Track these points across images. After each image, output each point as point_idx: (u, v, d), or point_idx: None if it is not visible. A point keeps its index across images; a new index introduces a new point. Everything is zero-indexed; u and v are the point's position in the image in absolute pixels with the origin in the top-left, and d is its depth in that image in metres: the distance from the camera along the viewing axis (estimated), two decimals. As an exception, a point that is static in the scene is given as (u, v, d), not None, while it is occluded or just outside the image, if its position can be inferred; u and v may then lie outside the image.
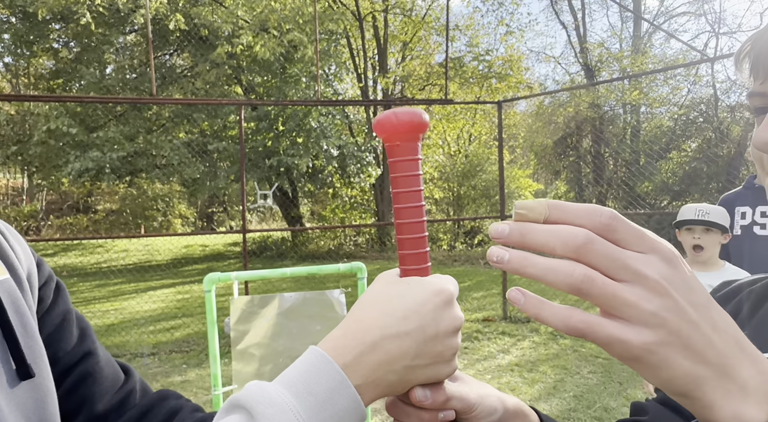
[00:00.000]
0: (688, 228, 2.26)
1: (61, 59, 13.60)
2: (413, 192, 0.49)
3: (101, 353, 0.59)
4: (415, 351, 0.42)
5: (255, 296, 2.22)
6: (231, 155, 12.33)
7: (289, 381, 0.40)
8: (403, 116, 0.47)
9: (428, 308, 0.43)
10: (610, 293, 0.32)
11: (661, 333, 0.32)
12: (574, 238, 0.33)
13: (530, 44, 26.97)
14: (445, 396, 0.45)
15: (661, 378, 0.33)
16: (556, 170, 16.25)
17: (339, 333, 0.43)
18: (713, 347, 0.33)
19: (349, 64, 14.28)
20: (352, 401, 0.40)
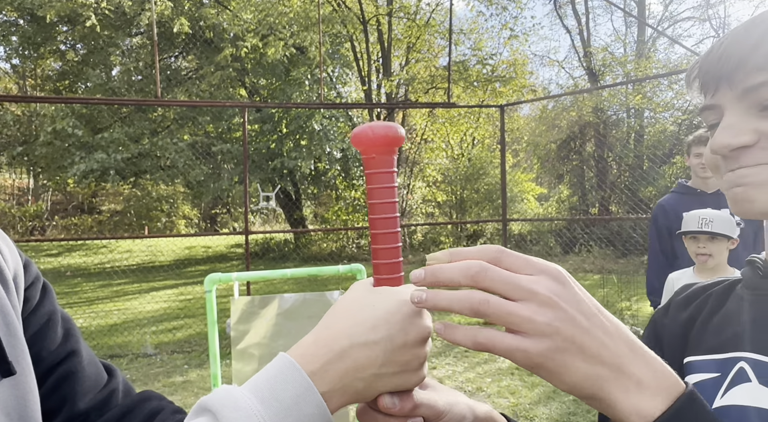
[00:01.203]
0: (692, 237, 2.25)
1: (67, 61, 13.72)
2: (388, 204, 0.50)
3: (85, 353, 0.60)
4: (382, 359, 0.43)
5: (255, 297, 2.24)
6: (235, 156, 12.39)
7: (256, 386, 0.41)
8: (378, 129, 0.48)
9: (397, 318, 0.44)
10: (506, 311, 0.37)
11: (556, 340, 0.37)
12: (470, 268, 0.39)
13: (534, 48, 26.98)
14: (413, 404, 0.46)
15: (566, 382, 0.38)
16: (560, 173, 16.23)
17: (310, 339, 0.44)
18: (607, 349, 0.38)
19: (353, 67, 14.34)
20: (317, 407, 0.41)
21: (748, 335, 0.54)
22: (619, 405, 0.38)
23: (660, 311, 0.67)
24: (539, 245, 12.89)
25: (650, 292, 2.92)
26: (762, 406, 0.50)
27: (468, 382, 4.33)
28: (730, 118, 0.50)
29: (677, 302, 0.66)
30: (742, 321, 0.55)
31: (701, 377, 0.57)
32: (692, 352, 0.59)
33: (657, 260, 2.88)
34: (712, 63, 0.51)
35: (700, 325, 0.60)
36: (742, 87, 0.49)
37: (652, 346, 0.65)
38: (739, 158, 0.50)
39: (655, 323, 0.67)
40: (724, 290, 0.61)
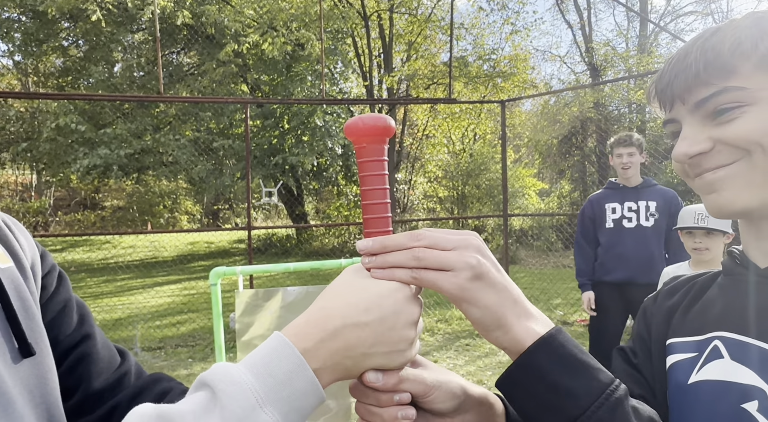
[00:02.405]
0: (689, 232, 2.28)
1: (70, 57, 13.74)
2: (379, 190, 0.53)
3: (99, 336, 0.64)
4: (372, 340, 0.46)
5: (259, 290, 2.29)
6: (237, 152, 12.42)
7: (252, 363, 0.43)
8: (368, 120, 0.52)
9: (389, 301, 0.47)
10: (441, 254, 0.47)
11: (476, 272, 0.47)
12: (413, 232, 0.49)
13: (536, 43, 26.87)
14: (397, 379, 0.49)
15: (480, 308, 0.47)
16: (561, 169, 16.23)
17: (303, 319, 0.47)
18: (510, 287, 0.49)
19: (354, 62, 14.33)
20: (309, 383, 0.43)
21: (722, 315, 0.59)
22: (515, 328, 0.48)
23: (650, 299, 0.73)
24: (540, 240, 12.91)
25: (577, 273, 3.29)
26: (732, 380, 0.54)
27: (469, 375, 4.38)
28: (687, 129, 0.57)
29: (665, 291, 0.71)
30: (719, 304, 0.61)
31: (681, 357, 0.62)
32: (674, 335, 0.65)
33: (580, 245, 3.28)
34: (665, 84, 0.58)
35: (683, 310, 0.66)
36: (693, 102, 0.56)
37: (641, 330, 0.71)
38: (701, 164, 0.56)
39: (644, 310, 0.73)
40: (708, 280, 0.67)
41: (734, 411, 0.53)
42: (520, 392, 0.49)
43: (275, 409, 0.41)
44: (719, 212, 0.56)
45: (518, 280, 9.18)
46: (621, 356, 0.71)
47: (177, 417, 0.39)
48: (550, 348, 0.47)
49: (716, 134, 0.54)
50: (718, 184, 0.55)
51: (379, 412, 0.49)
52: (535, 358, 0.47)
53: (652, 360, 0.66)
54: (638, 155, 3.07)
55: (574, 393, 0.45)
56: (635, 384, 0.66)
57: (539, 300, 7.47)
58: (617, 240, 3.09)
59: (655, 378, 0.65)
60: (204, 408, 0.40)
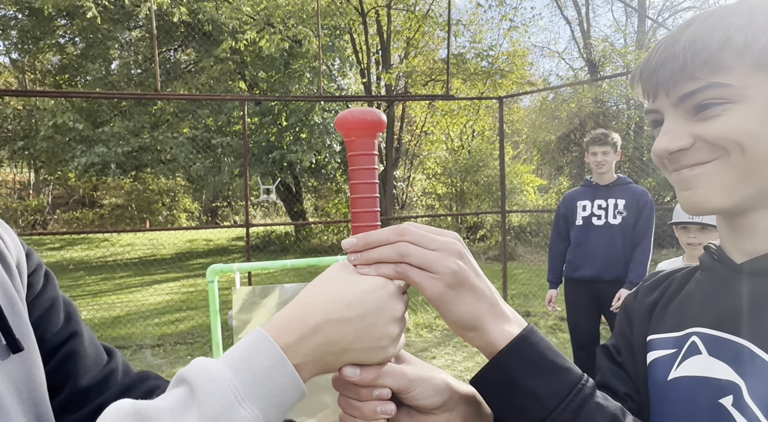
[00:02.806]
0: (683, 227, 2.30)
1: (67, 55, 13.69)
2: (367, 184, 0.54)
3: (86, 334, 0.63)
4: (353, 336, 0.46)
5: (256, 287, 2.29)
6: (235, 150, 12.40)
7: (231, 359, 0.43)
8: (358, 114, 0.52)
9: (372, 298, 0.47)
10: (425, 254, 0.48)
11: (457, 278, 0.47)
12: (397, 228, 0.49)
13: (534, 39, 26.84)
14: (375, 375, 0.49)
15: (457, 312, 0.48)
16: (559, 165, 16.23)
17: (285, 314, 0.47)
18: (488, 292, 0.50)
19: (352, 59, 14.30)
20: (290, 378, 0.43)
21: (699, 311, 0.59)
22: (491, 331, 0.49)
23: (631, 295, 0.73)
24: (539, 237, 12.93)
25: (549, 269, 3.43)
26: (710, 375, 0.55)
27: (467, 371, 4.39)
28: (668, 123, 0.56)
29: (645, 287, 0.71)
30: (696, 300, 0.61)
31: (661, 353, 0.62)
32: (654, 331, 0.65)
33: (553, 242, 3.39)
34: (650, 71, 0.57)
35: (662, 306, 0.66)
36: (677, 95, 0.54)
37: (623, 327, 0.71)
38: (680, 160, 0.56)
39: (626, 307, 0.73)
40: (686, 276, 0.67)
41: (711, 406, 0.53)
42: (491, 393, 0.50)
43: (254, 405, 0.41)
44: (693, 209, 0.56)
45: (516, 276, 9.20)
46: (605, 354, 0.71)
47: (154, 413, 0.39)
48: (520, 350, 0.48)
49: (697, 131, 0.54)
50: (693, 181, 0.55)
51: (359, 406, 0.50)
52: (505, 361, 0.48)
53: (635, 357, 0.67)
54: (612, 154, 3.12)
55: (540, 395, 0.47)
56: (620, 382, 0.66)
57: (537, 296, 7.48)
58: (585, 237, 3.19)
59: (639, 374, 0.65)
60: (182, 404, 0.40)
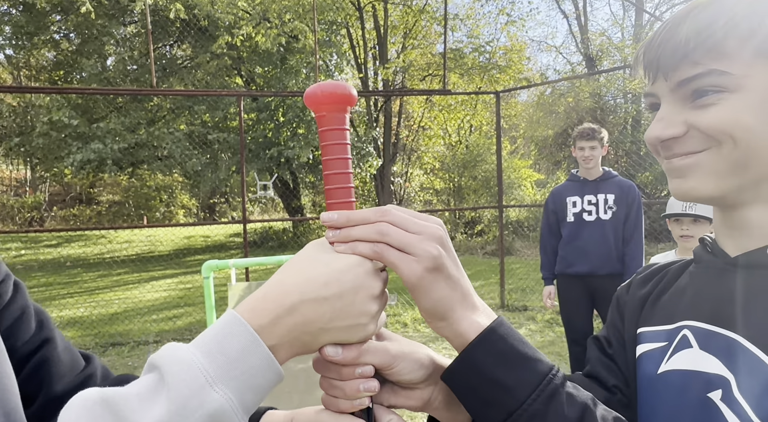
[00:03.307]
0: (676, 219, 2.30)
1: (62, 51, 13.60)
2: (340, 160, 0.52)
3: (59, 341, 0.62)
4: (330, 315, 0.45)
5: (252, 283, 2.29)
6: (232, 146, 12.36)
7: (202, 342, 0.42)
8: (327, 88, 0.51)
9: (349, 276, 0.46)
10: (404, 236, 0.47)
11: (435, 263, 0.46)
12: (379, 209, 0.48)
13: (531, 34, 26.80)
14: (357, 353, 0.48)
15: (431, 298, 0.48)
16: (557, 160, 16.24)
17: (260, 294, 0.46)
18: (462, 281, 0.50)
19: (349, 54, 14.25)
20: (264, 359, 0.42)
21: (691, 304, 0.59)
22: (461, 321, 0.49)
23: (623, 288, 0.72)
24: (536, 231, 12.95)
25: (541, 266, 3.39)
26: (701, 369, 0.54)
27: (464, 366, 4.40)
28: (664, 109, 0.55)
29: (638, 280, 0.70)
30: (689, 293, 0.60)
31: (651, 346, 0.61)
32: (644, 324, 0.64)
33: (544, 239, 3.37)
34: (652, 52, 0.55)
35: (654, 299, 0.65)
36: (675, 80, 0.53)
37: (615, 319, 0.70)
38: (672, 147, 0.55)
39: (617, 299, 0.72)
40: (679, 268, 0.66)
41: (700, 400, 0.53)
42: (461, 386, 0.49)
43: (227, 387, 0.40)
44: (683, 196, 0.56)
45: (514, 271, 9.22)
46: (596, 345, 0.70)
47: (121, 400, 0.39)
48: (489, 342, 0.48)
49: (692, 119, 0.53)
50: (684, 170, 0.54)
51: (341, 386, 0.49)
52: (475, 353, 0.48)
53: (626, 350, 0.66)
54: (600, 149, 3.12)
55: (509, 386, 0.46)
56: (610, 374, 0.65)
57: (534, 291, 7.50)
58: (578, 233, 3.18)
59: (629, 367, 0.65)
60: (151, 389, 0.39)
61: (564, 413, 0.46)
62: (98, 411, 0.38)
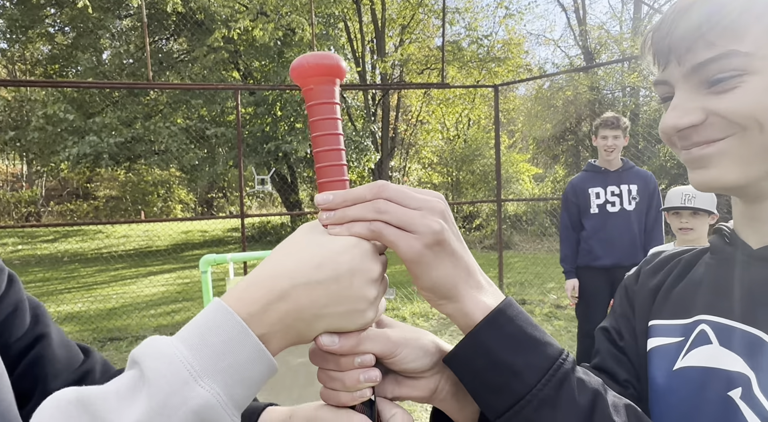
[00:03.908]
0: (675, 212, 2.30)
1: (56, 45, 13.50)
2: (331, 135, 0.48)
3: (55, 336, 0.60)
4: (326, 299, 0.42)
5: (250, 277, 2.28)
6: (229, 140, 12.31)
7: (186, 333, 0.39)
8: (313, 59, 0.47)
9: (345, 258, 0.43)
10: (404, 211, 0.44)
11: (437, 238, 0.43)
12: (374, 184, 0.45)
13: (530, 27, 26.72)
14: (356, 341, 0.45)
15: (433, 277, 0.45)
16: (555, 154, 16.23)
17: (248, 281, 0.43)
18: (467, 258, 0.47)
19: (346, 47, 14.18)
20: (254, 351, 0.39)
21: (710, 298, 0.56)
22: (466, 301, 0.46)
23: (631, 277, 0.69)
24: (534, 225, 12.96)
25: (562, 259, 3.29)
26: (721, 367, 0.51)
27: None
28: (679, 97, 0.51)
29: (648, 270, 0.67)
30: (705, 285, 0.57)
31: (664, 340, 0.58)
32: (656, 316, 0.61)
33: (566, 232, 3.26)
34: (662, 36, 0.52)
35: (666, 290, 0.62)
36: (689, 65, 0.50)
37: (625, 310, 0.66)
38: (690, 137, 0.51)
39: (626, 288, 0.68)
40: (692, 258, 0.63)
41: (720, 398, 0.51)
42: (467, 370, 0.46)
43: (214, 381, 0.37)
44: (706, 187, 0.53)
45: (512, 265, 9.23)
46: (605, 336, 0.67)
47: (98, 399, 0.36)
48: (497, 323, 0.45)
49: (710, 105, 0.49)
50: (706, 160, 0.51)
51: (340, 377, 0.46)
52: (482, 335, 0.45)
53: (637, 343, 0.63)
54: (622, 139, 3.07)
55: (519, 370, 0.44)
56: (621, 368, 0.63)
57: (533, 284, 7.51)
58: (603, 225, 3.11)
59: (641, 361, 0.62)
60: (130, 386, 0.37)
61: (575, 399, 0.44)
62: (73, 412, 0.36)
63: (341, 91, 2.77)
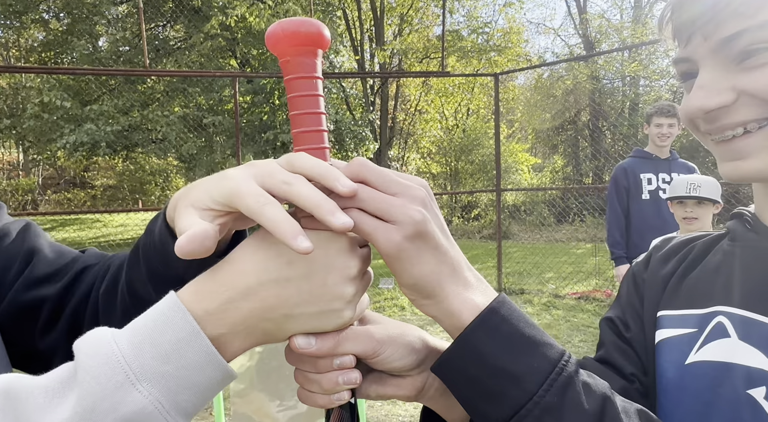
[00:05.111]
0: (680, 202, 2.29)
1: (51, 31, 13.34)
2: (309, 114, 0.43)
3: (47, 249, 0.60)
4: (296, 299, 0.39)
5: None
6: (227, 129, 12.24)
7: (133, 330, 0.36)
8: (289, 26, 0.41)
9: (318, 253, 0.39)
10: (382, 197, 0.40)
11: (418, 230, 0.39)
12: (352, 163, 0.41)
13: (530, 16, 26.51)
14: (334, 343, 0.42)
15: (415, 274, 0.40)
16: (554, 144, 16.20)
17: (209, 275, 0.39)
18: (452, 252, 0.42)
19: (344, 36, 14.05)
20: (203, 354, 0.36)
21: (727, 288, 0.52)
22: (452, 299, 0.42)
23: (640, 264, 0.65)
24: (533, 216, 12.97)
25: (612, 244, 3.19)
26: (738, 362, 0.48)
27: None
28: (704, 75, 0.47)
29: (659, 257, 0.63)
30: (723, 274, 0.53)
31: (676, 332, 0.55)
32: (666, 306, 0.57)
33: (616, 216, 3.17)
34: (684, 8, 0.47)
35: (678, 278, 0.58)
36: (717, 38, 0.45)
37: (633, 299, 0.62)
38: (719, 119, 0.47)
39: (634, 276, 0.64)
40: (707, 244, 0.59)
41: (738, 396, 0.47)
42: (458, 378, 0.42)
43: (154, 386, 0.34)
44: (739, 178, 0.47)
45: (511, 255, 9.24)
46: (611, 327, 0.62)
47: (25, 394, 0.33)
48: (490, 324, 0.40)
49: (742, 83, 0.44)
50: (744, 151, 0.46)
51: (317, 379, 0.43)
52: (473, 338, 0.40)
53: (645, 334, 0.59)
54: (677, 127, 3.01)
55: (517, 374, 0.39)
56: (627, 360, 0.59)
57: (531, 274, 7.53)
58: (655, 212, 3.04)
59: (648, 354, 0.58)
60: (63, 383, 0.34)
61: (582, 405, 0.39)
62: None
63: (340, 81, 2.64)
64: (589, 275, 7.44)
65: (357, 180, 0.40)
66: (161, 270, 0.47)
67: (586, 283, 7.02)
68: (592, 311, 5.45)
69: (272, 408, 1.75)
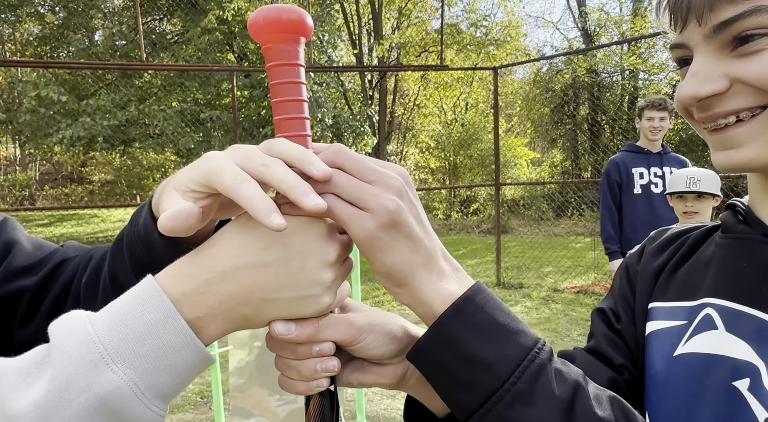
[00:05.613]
0: (679, 196, 2.29)
1: (47, 25, 13.25)
2: (291, 102, 0.43)
3: (24, 242, 0.61)
4: (274, 284, 0.39)
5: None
6: (224, 123, 12.19)
7: (111, 310, 0.36)
8: (270, 13, 0.41)
9: (296, 239, 0.39)
10: (357, 185, 0.39)
11: (393, 218, 0.39)
12: (329, 149, 0.41)
13: (528, 9, 26.39)
14: (313, 329, 0.42)
15: (388, 262, 0.40)
16: (553, 138, 16.17)
17: (187, 258, 0.39)
18: (428, 242, 0.42)
19: (343, 29, 13.97)
20: (180, 336, 0.36)
21: (717, 279, 0.52)
22: (423, 289, 0.42)
23: (633, 256, 0.64)
24: (532, 210, 12.98)
25: (606, 239, 3.19)
26: (725, 354, 0.47)
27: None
28: (698, 62, 0.46)
29: (652, 249, 0.63)
30: (714, 266, 0.53)
31: (665, 324, 0.55)
32: (658, 298, 0.57)
33: (610, 211, 3.17)
34: None
35: (670, 270, 0.58)
36: (712, 23, 0.44)
37: (624, 290, 0.62)
38: (712, 106, 0.46)
39: (627, 267, 0.64)
40: (701, 236, 0.59)
41: (724, 388, 0.47)
42: (432, 367, 0.42)
43: (129, 367, 0.34)
44: (732, 168, 0.47)
45: (510, 249, 9.25)
46: (602, 318, 0.62)
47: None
48: (465, 312, 0.40)
49: (735, 71, 0.44)
50: (736, 139, 0.45)
51: (296, 365, 0.43)
52: (447, 326, 0.40)
53: (636, 326, 0.58)
54: (668, 121, 3.02)
55: (489, 362, 0.39)
56: (617, 352, 0.58)
57: (530, 268, 7.53)
58: (647, 206, 3.06)
59: (638, 345, 0.58)
60: (36, 363, 0.34)
61: (553, 393, 0.39)
62: None
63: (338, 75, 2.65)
64: (587, 269, 7.45)
65: (334, 166, 0.40)
66: (145, 260, 0.48)
67: (584, 277, 7.03)
68: (591, 305, 5.46)
69: (272, 402, 1.75)
